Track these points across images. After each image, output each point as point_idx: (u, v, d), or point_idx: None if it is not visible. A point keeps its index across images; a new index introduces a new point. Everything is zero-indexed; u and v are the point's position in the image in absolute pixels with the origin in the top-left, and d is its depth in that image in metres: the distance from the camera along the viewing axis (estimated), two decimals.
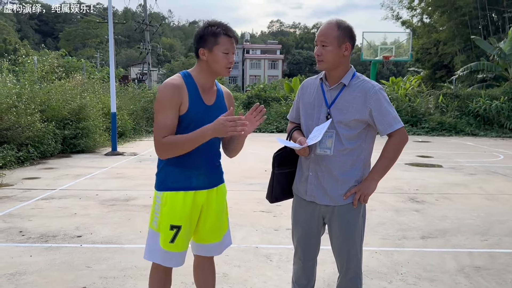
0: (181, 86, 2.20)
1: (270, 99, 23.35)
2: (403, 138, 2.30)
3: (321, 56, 2.25)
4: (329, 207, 2.35)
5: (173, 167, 2.27)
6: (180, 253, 2.33)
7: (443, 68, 35.94)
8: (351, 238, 2.35)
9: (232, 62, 2.28)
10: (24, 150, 9.77)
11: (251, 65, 69.51)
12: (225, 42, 2.22)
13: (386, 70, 48.19)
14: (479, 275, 3.71)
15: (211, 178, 2.37)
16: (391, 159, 2.31)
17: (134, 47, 68.39)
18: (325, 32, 2.24)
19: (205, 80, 2.29)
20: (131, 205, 6.05)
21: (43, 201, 6.21)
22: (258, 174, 8.43)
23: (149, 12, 35.23)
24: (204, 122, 2.20)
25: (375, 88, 2.26)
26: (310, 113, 2.37)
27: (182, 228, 2.28)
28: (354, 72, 2.33)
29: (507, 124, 20.25)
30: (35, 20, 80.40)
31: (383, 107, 2.24)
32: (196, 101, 2.23)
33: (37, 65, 12.88)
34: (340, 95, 2.29)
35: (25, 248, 4.27)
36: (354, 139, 2.28)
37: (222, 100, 2.40)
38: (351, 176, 2.31)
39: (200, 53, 2.24)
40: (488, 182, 8.13)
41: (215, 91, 2.37)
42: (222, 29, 2.22)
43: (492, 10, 32.78)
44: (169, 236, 2.27)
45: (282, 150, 2.46)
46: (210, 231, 2.42)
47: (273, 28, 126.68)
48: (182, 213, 2.27)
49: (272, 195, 2.52)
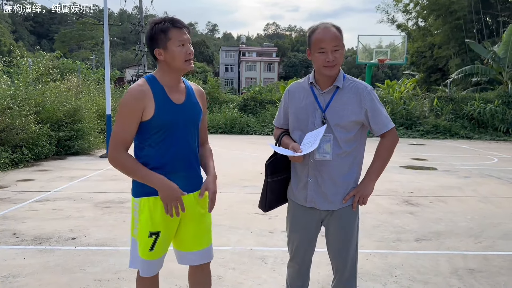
0: (144, 93, 2.13)
1: (266, 101, 23.35)
2: (395, 138, 2.35)
3: (335, 60, 2.21)
4: (328, 211, 2.35)
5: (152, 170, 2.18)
6: (159, 260, 2.30)
7: (437, 72, 36.12)
8: (348, 241, 2.36)
9: (190, 53, 2.16)
10: (19, 152, 9.73)
11: (247, 67, 69.57)
12: (177, 34, 2.12)
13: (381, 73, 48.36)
14: (472, 278, 3.73)
15: (190, 182, 2.28)
16: (385, 159, 2.35)
17: (129, 49, 68.33)
18: (335, 36, 2.20)
19: (169, 79, 2.21)
20: (126, 207, 6.03)
21: (37, 203, 6.18)
22: (252, 176, 8.43)
23: (144, 14, 35.21)
24: (177, 121, 2.17)
25: (367, 89, 2.30)
26: (303, 118, 2.33)
27: (161, 234, 2.22)
28: (344, 74, 2.35)
29: (501, 127, 20.37)
30: (30, 22, 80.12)
31: (377, 107, 2.28)
32: (163, 103, 2.15)
33: (32, 66, 12.84)
34: (334, 98, 2.29)
35: (18, 250, 4.25)
36: (351, 142, 2.28)
37: (193, 98, 2.30)
38: (350, 179, 2.32)
39: (157, 54, 2.15)
40: (482, 185, 8.17)
41: (184, 89, 2.28)
42: (169, 22, 2.13)
43: (487, 14, 33.06)
44: (148, 244, 2.21)
45: (273, 158, 2.41)
46: (193, 237, 2.33)
47: (269, 31, 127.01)
48: (161, 218, 2.20)
49: (266, 204, 2.48)
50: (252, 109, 23.12)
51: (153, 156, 2.20)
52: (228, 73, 71.94)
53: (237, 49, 75.19)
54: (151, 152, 2.20)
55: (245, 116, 22.21)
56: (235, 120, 21.36)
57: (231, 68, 73.74)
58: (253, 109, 23.08)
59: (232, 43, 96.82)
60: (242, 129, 21.09)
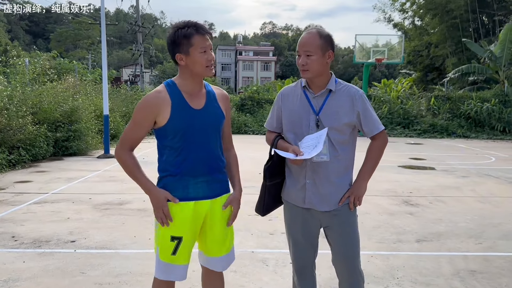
0: (159, 100, 2.14)
1: (263, 101, 23.34)
2: (385, 140, 2.45)
3: (306, 65, 2.26)
4: (326, 213, 2.37)
5: (171, 176, 2.21)
6: (181, 266, 2.25)
7: (434, 71, 36.20)
8: (352, 242, 2.39)
9: (211, 59, 2.16)
10: (16, 153, 9.67)
11: (244, 66, 69.53)
12: (200, 41, 2.11)
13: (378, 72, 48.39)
14: (474, 279, 3.73)
15: (212, 187, 2.26)
16: (377, 160, 2.44)
17: (126, 49, 68.12)
18: (307, 42, 2.26)
19: (189, 84, 2.20)
20: (125, 209, 6.01)
21: (35, 205, 6.14)
22: (252, 177, 8.38)
23: (141, 14, 35.12)
24: (194, 126, 2.16)
25: (359, 93, 2.37)
26: (297, 121, 2.37)
27: (184, 239, 2.21)
28: (335, 78, 2.39)
29: (498, 126, 20.44)
30: (26, 21, 79.65)
31: (368, 110, 2.35)
32: (180, 109, 2.15)
33: (29, 67, 12.76)
34: (327, 101, 2.33)
35: (17, 253, 4.22)
36: (345, 144, 2.35)
37: (213, 102, 2.28)
38: (346, 180, 2.39)
39: (178, 59, 2.15)
40: (480, 185, 8.19)
41: (204, 94, 2.27)
42: (193, 28, 2.11)
43: (483, 13, 33.13)
44: (170, 248, 2.20)
45: (271, 161, 2.43)
46: (218, 243, 2.33)
47: (265, 30, 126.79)
48: (182, 224, 2.20)
49: (264, 207, 2.50)
50: (250, 108, 23.09)
51: (172, 161, 2.20)
52: (225, 72, 71.85)
53: (234, 48, 75.09)
54: (170, 158, 2.21)
55: (243, 115, 22.18)
56: (233, 120, 21.28)
57: (228, 67, 73.67)
58: (251, 109, 23.06)
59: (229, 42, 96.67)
60: (240, 129, 21.04)
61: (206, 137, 2.22)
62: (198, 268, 3.72)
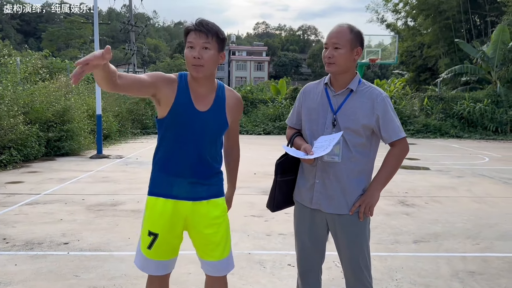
0: (172, 80, 2.10)
1: (257, 101, 23.30)
2: (405, 148, 2.29)
3: (332, 58, 2.18)
4: (334, 216, 2.29)
5: (159, 172, 2.18)
6: (156, 262, 2.20)
7: (427, 71, 36.42)
8: (359, 251, 2.29)
9: (194, 56, 1.99)
10: (7, 153, 9.51)
11: (237, 66, 69.45)
12: (191, 36, 2.01)
13: (370, 72, 48.57)
14: (473, 280, 3.70)
15: (196, 190, 2.17)
16: (393, 169, 2.30)
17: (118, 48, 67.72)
18: (338, 34, 2.19)
19: (196, 84, 2.11)
20: (119, 210, 5.92)
21: (27, 207, 6.03)
22: (247, 177, 8.35)
23: (134, 13, 34.92)
24: (194, 127, 2.10)
25: (382, 95, 2.25)
26: (315, 119, 2.31)
27: (159, 236, 2.15)
28: (360, 78, 2.30)
29: (491, 126, 20.59)
30: (17, 20, 78.86)
31: (389, 115, 2.23)
32: (183, 103, 2.08)
33: (20, 66, 12.58)
34: (347, 101, 2.25)
35: (9, 256, 4.12)
36: (361, 147, 2.24)
37: (220, 109, 2.18)
38: (358, 184, 2.28)
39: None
40: (475, 185, 8.20)
41: (213, 98, 2.17)
42: (193, 24, 2.02)
43: (475, 14, 33.39)
44: (147, 241, 2.18)
45: (284, 157, 2.38)
46: (205, 246, 2.23)
47: (258, 30, 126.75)
48: (160, 220, 2.15)
49: (274, 204, 2.45)
50: (244, 108, 23.01)
51: (163, 156, 2.18)
52: (218, 72, 69.78)
53: (227, 48, 74.95)
54: (163, 153, 2.18)
55: None
56: None
57: (221, 67, 73.35)
58: (245, 109, 22.98)
59: None
60: None
61: (201, 141, 2.14)
62: (194, 271, 3.68)
